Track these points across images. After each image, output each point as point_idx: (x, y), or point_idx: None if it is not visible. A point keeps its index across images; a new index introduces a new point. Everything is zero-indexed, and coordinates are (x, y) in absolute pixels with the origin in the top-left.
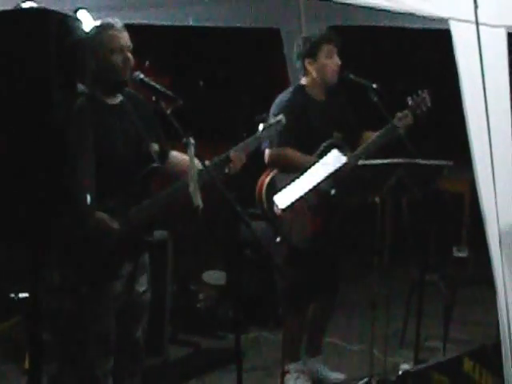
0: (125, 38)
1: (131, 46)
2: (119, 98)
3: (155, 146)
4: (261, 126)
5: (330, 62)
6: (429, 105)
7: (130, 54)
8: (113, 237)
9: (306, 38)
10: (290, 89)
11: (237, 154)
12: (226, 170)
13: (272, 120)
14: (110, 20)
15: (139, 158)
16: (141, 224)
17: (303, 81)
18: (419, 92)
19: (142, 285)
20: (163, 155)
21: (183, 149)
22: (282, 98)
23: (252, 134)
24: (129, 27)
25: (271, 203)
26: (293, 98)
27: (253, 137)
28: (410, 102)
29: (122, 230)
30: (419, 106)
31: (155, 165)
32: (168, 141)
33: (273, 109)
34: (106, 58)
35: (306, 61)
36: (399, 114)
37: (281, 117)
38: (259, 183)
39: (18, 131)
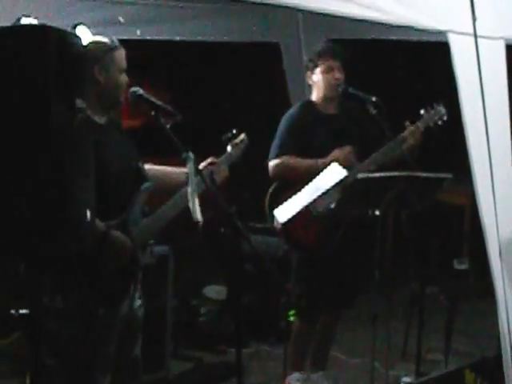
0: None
1: None
2: (105, 118)
3: (141, 164)
4: (229, 147)
5: (328, 76)
6: (445, 118)
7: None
8: (128, 250)
9: (308, 52)
10: (299, 103)
11: (218, 167)
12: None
13: (236, 140)
14: (115, 39)
15: (133, 175)
16: (144, 241)
17: (312, 96)
18: (434, 104)
19: (138, 301)
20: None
21: (183, 163)
22: (289, 112)
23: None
24: (127, 42)
25: (272, 215)
26: (299, 112)
27: (224, 156)
28: (423, 114)
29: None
30: (433, 118)
31: (149, 183)
32: (168, 155)
33: (280, 123)
34: (116, 76)
35: (307, 75)
36: (410, 127)
37: (243, 136)
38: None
39: (17, 146)
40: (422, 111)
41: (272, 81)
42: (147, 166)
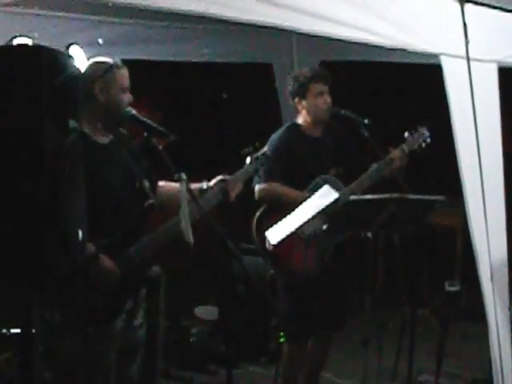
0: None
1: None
2: (109, 138)
3: (146, 183)
4: (248, 160)
5: (320, 100)
6: (428, 141)
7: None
8: (114, 277)
9: (295, 76)
10: (285, 126)
11: (233, 182)
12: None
13: (258, 153)
14: (117, 59)
15: (135, 195)
16: (141, 261)
17: (298, 119)
18: (418, 127)
19: (139, 319)
20: (153, 190)
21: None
22: (276, 135)
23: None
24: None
25: (261, 238)
26: (286, 135)
27: (241, 170)
28: (407, 137)
29: (123, 268)
30: (417, 141)
31: (151, 201)
32: (159, 176)
33: (267, 146)
34: (117, 95)
35: (296, 100)
36: (394, 150)
37: (265, 149)
38: (252, 219)
39: (7, 166)
40: (406, 134)
41: (265, 101)
42: (161, 183)
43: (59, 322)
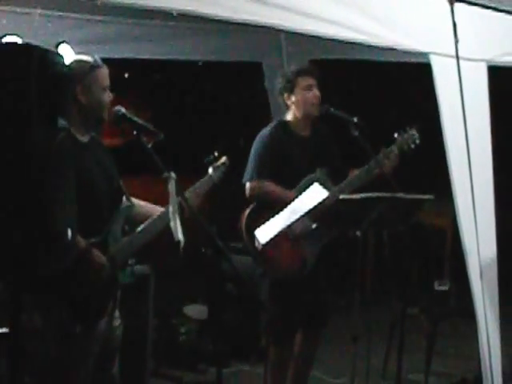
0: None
1: None
2: (87, 137)
3: (121, 183)
4: (210, 169)
5: (308, 94)
6: (417, 142)
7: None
8: (105, 270)
9: (284, 73)
10: (273, 124)
11: (192, 195)
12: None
13: (218, 163)
14: (97, 58)
15: (113, 194)
16: (124, 260)
17: (287, 116)
18: (407, 128)
19: (116, 319)
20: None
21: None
22: (264, 132)
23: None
24: (110, 61)
25: (250, 237)
26: (274, 133)
27: (205, 178)
28: (397, 138)
29: (108, 267)
30: (407, 142)
31: (130, 203)
32: (149, 175)
33: (254, 144)
34: (98, 95)
35: (285, 95)
36: (385, 150)
37: (224, 159)
38: (241, 217)
39: None
40: (395, 135)
41: (254, 100)
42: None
43: (45, 321)
